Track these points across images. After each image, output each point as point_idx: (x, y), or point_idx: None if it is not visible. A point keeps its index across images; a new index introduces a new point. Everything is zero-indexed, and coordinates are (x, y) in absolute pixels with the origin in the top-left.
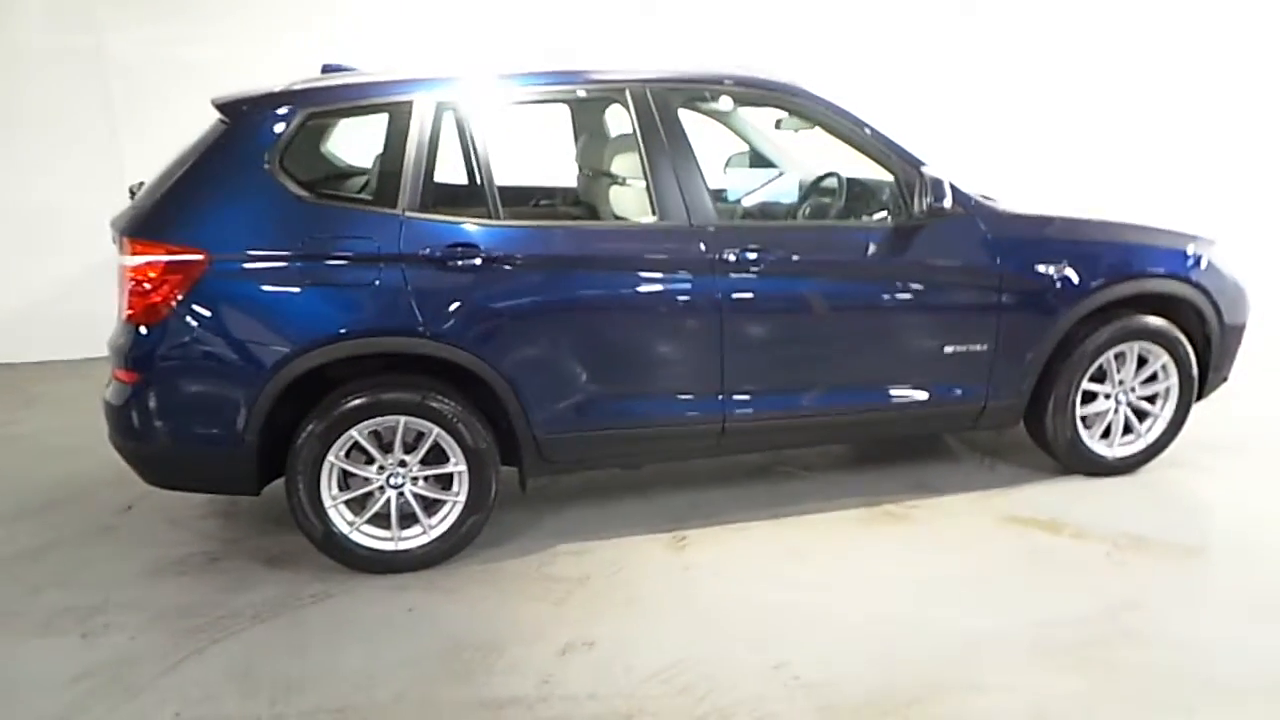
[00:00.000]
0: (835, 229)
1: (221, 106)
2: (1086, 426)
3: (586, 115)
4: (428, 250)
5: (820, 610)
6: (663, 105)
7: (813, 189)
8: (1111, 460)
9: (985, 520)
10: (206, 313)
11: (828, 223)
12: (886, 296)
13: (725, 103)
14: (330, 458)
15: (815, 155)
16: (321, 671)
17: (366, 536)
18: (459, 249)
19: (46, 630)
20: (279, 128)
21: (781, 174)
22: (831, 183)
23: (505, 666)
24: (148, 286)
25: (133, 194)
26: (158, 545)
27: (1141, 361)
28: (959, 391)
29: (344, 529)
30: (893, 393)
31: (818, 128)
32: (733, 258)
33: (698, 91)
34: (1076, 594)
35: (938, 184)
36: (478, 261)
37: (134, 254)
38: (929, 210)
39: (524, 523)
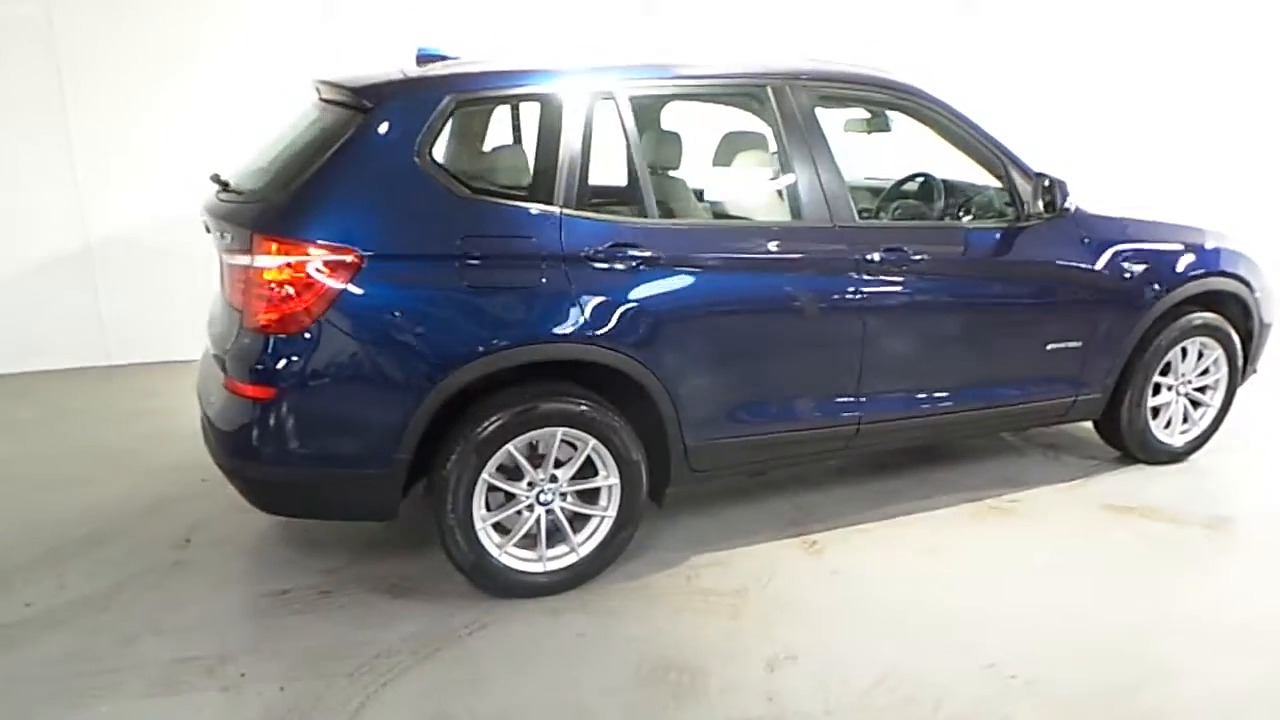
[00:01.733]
0: (960, 229)
1: (361, 90)
2: (1154, 418)
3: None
4: (589, 250)
5: (989, 607)
6: (804, 102)
7: (916, 190)
8: (1174, 448)
9: (1084, 510)
10: (358, 319)
11: (953, 224)
12: (1002, 296)
13: (859, 104)
14: (484, 475)
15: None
16: (523, 706)
17: (514, 559)
18: (619, 249)
19: (172, 687)
20: (427, 116)
21: (912, 176)
22: (929, 184)
23: (720, 687)
24: (290, 290)
25: (222, 183)
26: (246, 580)
27: (1198, 355)
28: (1057, 386)
29: (494, 552)
30: (1003, 389)
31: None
32: (875, 258)
33: (837, 91)
34: (1205, 576)
35: (1062, 185)
36: (638, 262)
37: (273, 253)
38: (1046, 211)
39: (642, 535)
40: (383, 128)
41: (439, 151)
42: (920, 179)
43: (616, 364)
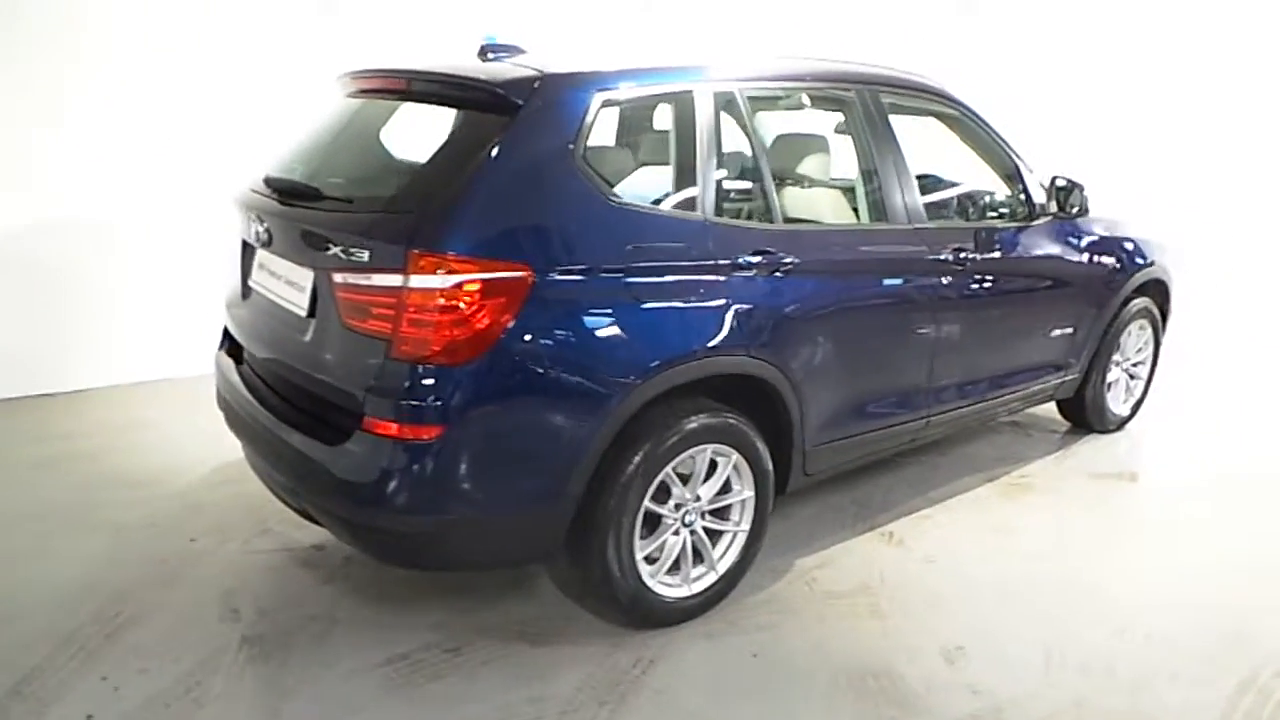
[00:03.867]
0: (994, 228)
1: (508, 86)
2: (1109, 391)
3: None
4: (735, 258)
5: (1086, 578)
6: (880, 106)
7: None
8: (1122, 418)
9: (1081, 480)
10: (533, 344)
11: (989, 223)
12: (1027, 289)
13: (910, 111)
14: (645, 502)
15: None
16: None
17: (664, 586)
18: (761, 255)
19: None
20: (580, 115)
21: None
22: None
23: (922, 687)
24: (460, 315)
25: (288, 188)
26: (346, 651)
27: (1139, 334)
28: (1054, 369)
29: (649, 583)
30: (1024, 374)
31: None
32: (947, 257)
33: (903, 96)
34: (1221, 532)
35: (1081, 187)
36: (776, 268)
37: (439, 273)
38: (1063, 211)
39: None
40: (539, 128)
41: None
42: (927, 179)
43: (760, 373)
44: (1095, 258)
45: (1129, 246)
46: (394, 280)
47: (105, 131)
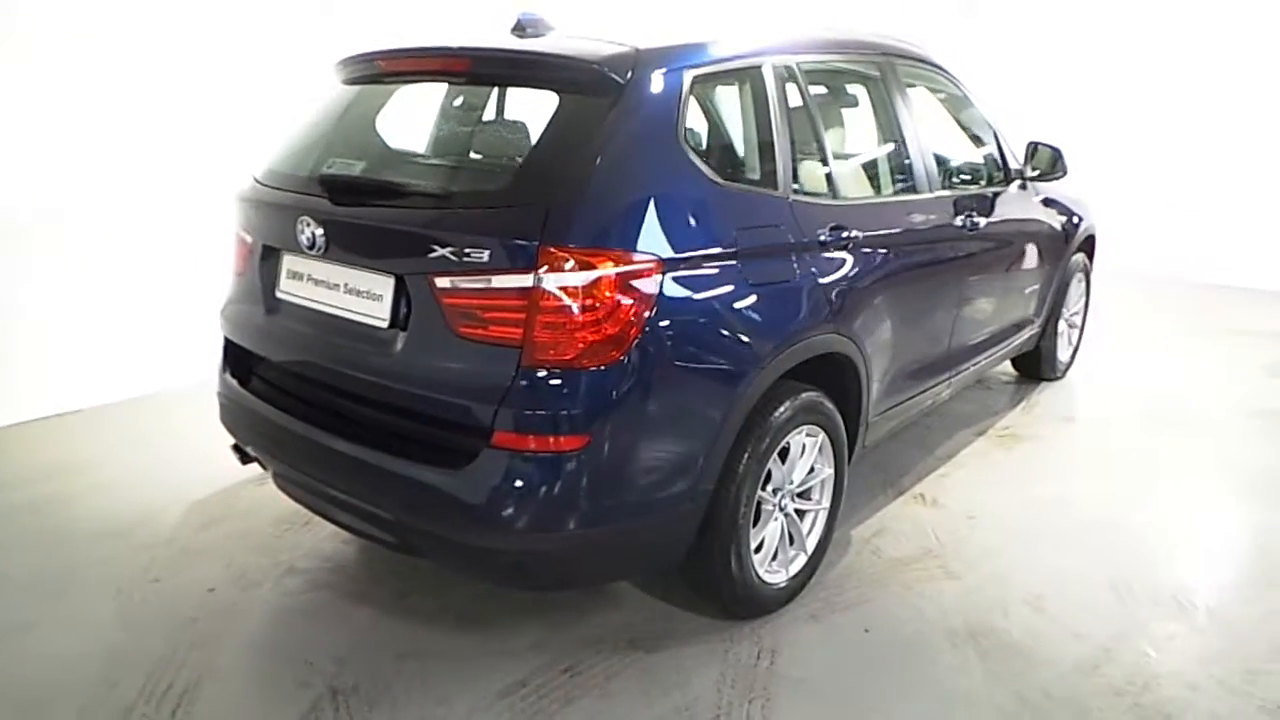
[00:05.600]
0: (987, 194)
1: (606, 63)
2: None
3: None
4: (818, 235)
5: (1107, 515)
6: (899, 76)
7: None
8: (1065, 364)
9: (1054, 427)
10: (669, 337)
11: (987, 189)
12: (1014, 250)
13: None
14: (759, 489)
15: None
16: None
17: (770, 574)
18: (837, 230)
19: None
20: (679, 93)
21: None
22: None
23: (1025, 638)
24: (601, 312)
25: (375, 186)
26: (455, 688)
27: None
28: (1027, 324)
29: (759, 571)
30: (1009, 331)
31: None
32: (959, 223)
33: (909, 65)
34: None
35: (1060, 152)
36: (850, 242)
37: (576, 270)
38: (1046, 175)
39: None
40: (645, 108)
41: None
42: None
43: (843, 349)
44: (1055, 218)
45: (1071, 207)
46: (523, 281)
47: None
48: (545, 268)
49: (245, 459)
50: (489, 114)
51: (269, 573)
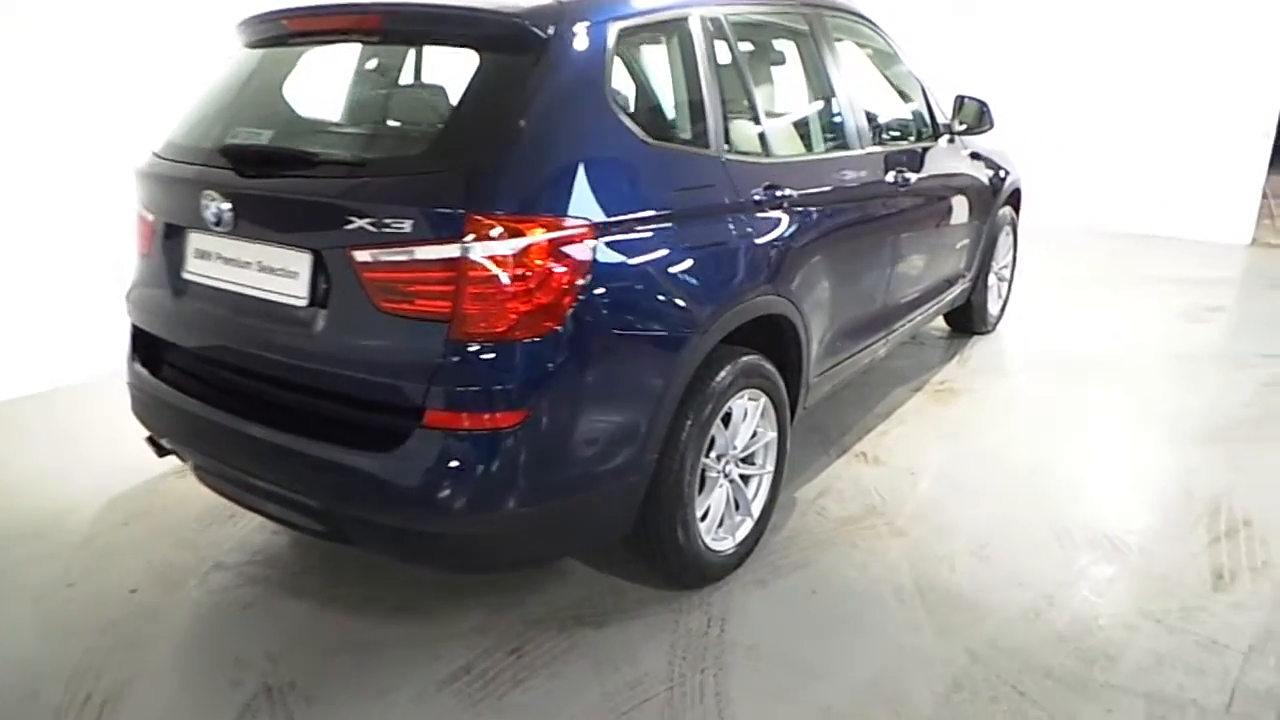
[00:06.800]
0: (915, 149)
1: (528, 16)
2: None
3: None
4: (752, 195)
5: (1046, 464)
6: (828, 30)
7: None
8: (995, 318)
9: (987, 379)
10: (607, 303)
11: (916, 144)
12: (945, 204)
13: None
14: (702, 456)
15: None
16: (874, 681)
17: (716, 542)
18: (772, 190)
19: None
20: (604, 48)
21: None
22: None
23: (973, 589)
24: (534, 281)
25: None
26: (399, 677)
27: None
28: (958, 278)
29: (706, 539)
30: (941, 286)
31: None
32: (894, 179)
33: (837, 18)
34: (1125, 403)
35: (987, 105)
36: (784, 201)
37: (505, 237)
38: (974, 128)
39: None
40: (572, 64)
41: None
42: None
43: (783, 310)
44: (983, 172)
45: (998, 160)
46: (449, 251)
47: None
48: (472, 236)
49: (161, 451)
50: (406, 77)
51: (194, 570)
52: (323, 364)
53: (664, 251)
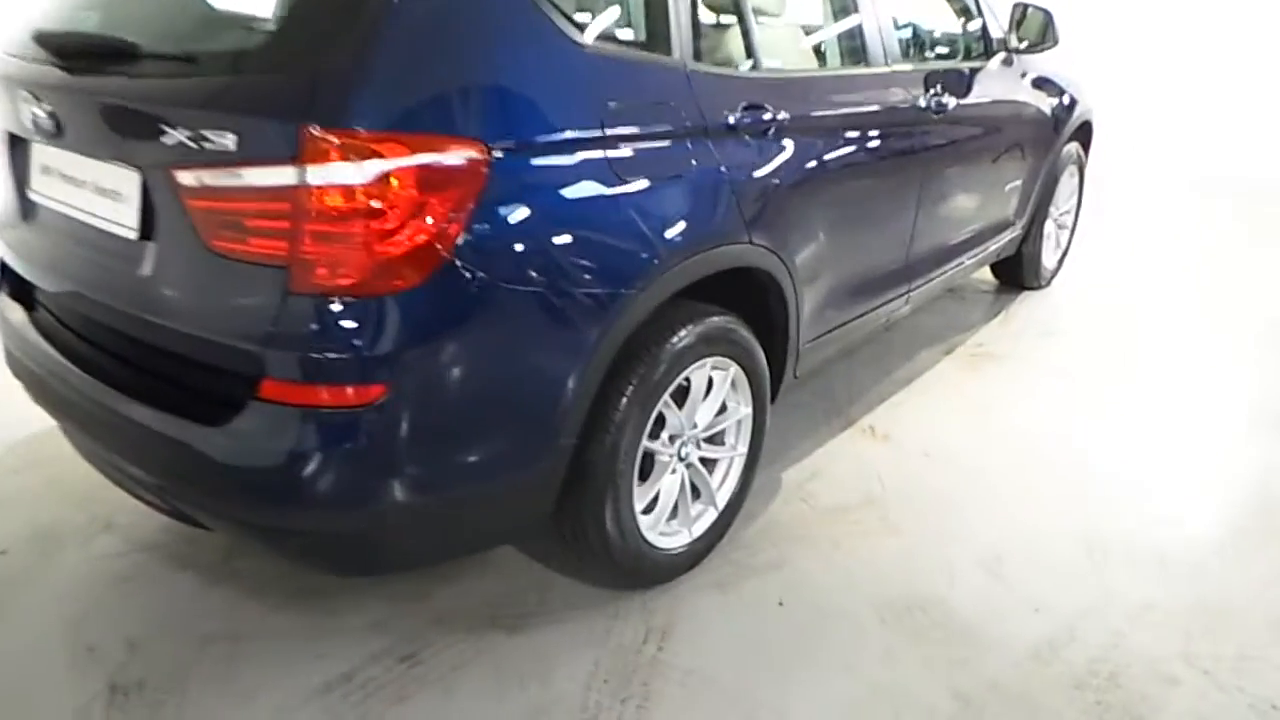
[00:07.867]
0: (960, 70)
1: None
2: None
3: None
4: (725, 117)
5: (1088, 456)
6: None
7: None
8: (1051, 271)
9: (1032, 344)
10: (497, 251)
11: (961, 64)
12: (996, 139)
13: None
14: (643, 440)
15: None
16: (834, 706)
17: (665, 537)
18: (752, 111)
19: None
20: None
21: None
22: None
23: (974, 613)
24: (393, 219)
25: (63, 43)
26: (266, 667)
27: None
28: (1007, 226)
29: (648, 535)
30: (985, 234)
31: None
32: (923, 104)
33: None
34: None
35: (1052, 16)
36: (770, 126)
37: (355, 159)
38: (1037, 45)
39: None
40: None
41: None
42: None
43: (762, 263)
44: (1044, 100)
45: (1064, 86)
46: (283, 176)
47: None
48: (312, 158)
49: None
50: None
51: (80, 531)
52: (150, 312)
53: (589, 185)
